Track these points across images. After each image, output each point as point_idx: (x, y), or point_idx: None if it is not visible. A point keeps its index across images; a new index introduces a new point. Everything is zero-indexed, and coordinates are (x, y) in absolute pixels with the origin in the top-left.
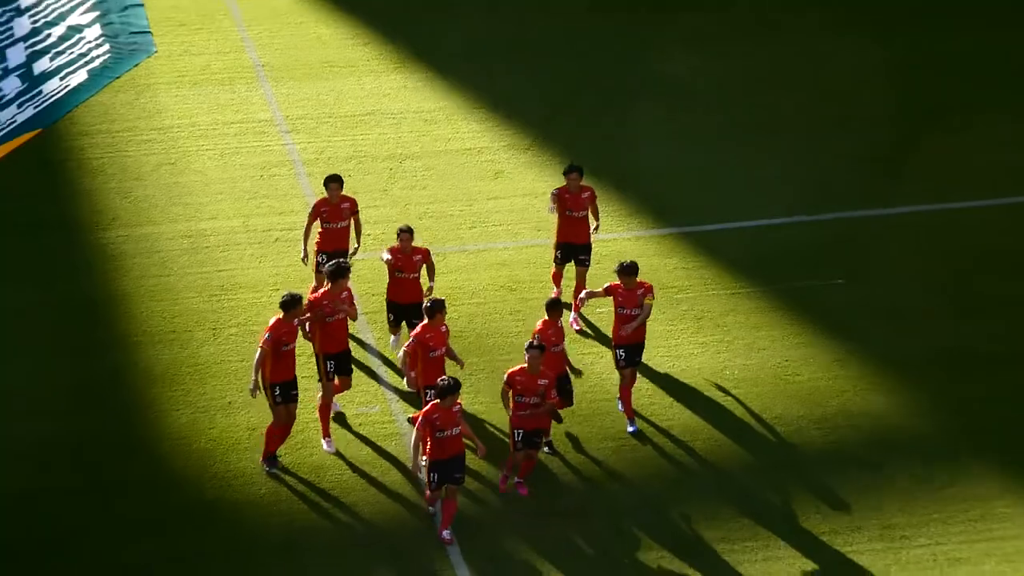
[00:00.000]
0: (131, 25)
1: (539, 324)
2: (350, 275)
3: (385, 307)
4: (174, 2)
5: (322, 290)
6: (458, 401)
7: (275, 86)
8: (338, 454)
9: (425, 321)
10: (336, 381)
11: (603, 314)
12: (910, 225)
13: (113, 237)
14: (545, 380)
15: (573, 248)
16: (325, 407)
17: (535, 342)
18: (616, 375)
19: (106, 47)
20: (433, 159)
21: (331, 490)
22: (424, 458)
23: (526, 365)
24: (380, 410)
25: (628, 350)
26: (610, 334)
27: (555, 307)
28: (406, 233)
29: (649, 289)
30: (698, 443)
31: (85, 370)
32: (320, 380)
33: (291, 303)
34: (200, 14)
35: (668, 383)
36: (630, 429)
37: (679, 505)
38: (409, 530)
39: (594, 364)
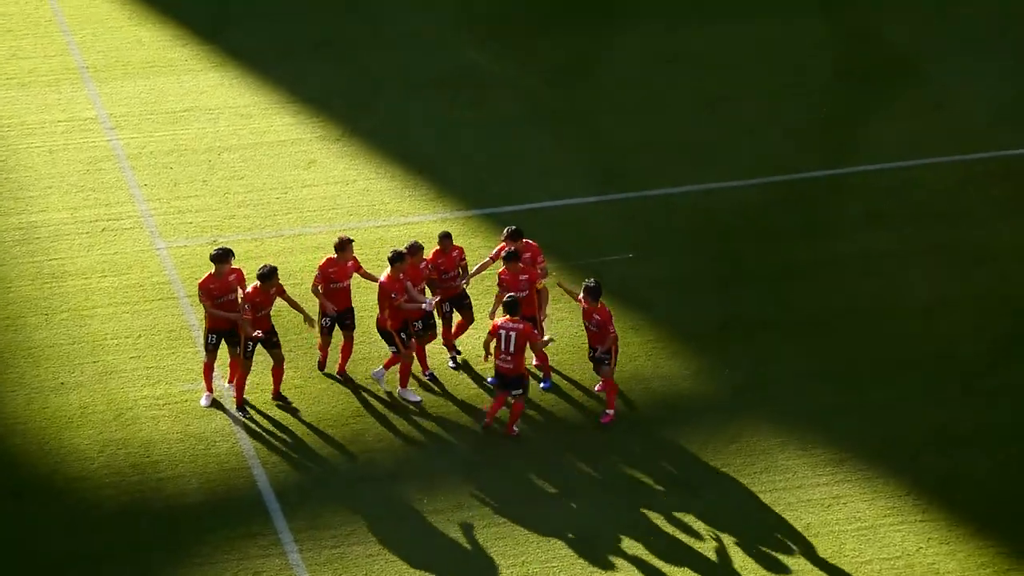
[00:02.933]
0: None
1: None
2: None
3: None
4: (1, 9)
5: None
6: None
7: (99, 86)
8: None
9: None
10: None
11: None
12: (685, 205)
13: None
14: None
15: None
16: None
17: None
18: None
19: None
20: (250, 151)
21: (160, 462)
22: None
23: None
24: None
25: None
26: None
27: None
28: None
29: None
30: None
31: None
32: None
33: (268, 275)
34: (27, 20)
35: (470, 355)
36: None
37: (489, 468)
38: (237, 498)
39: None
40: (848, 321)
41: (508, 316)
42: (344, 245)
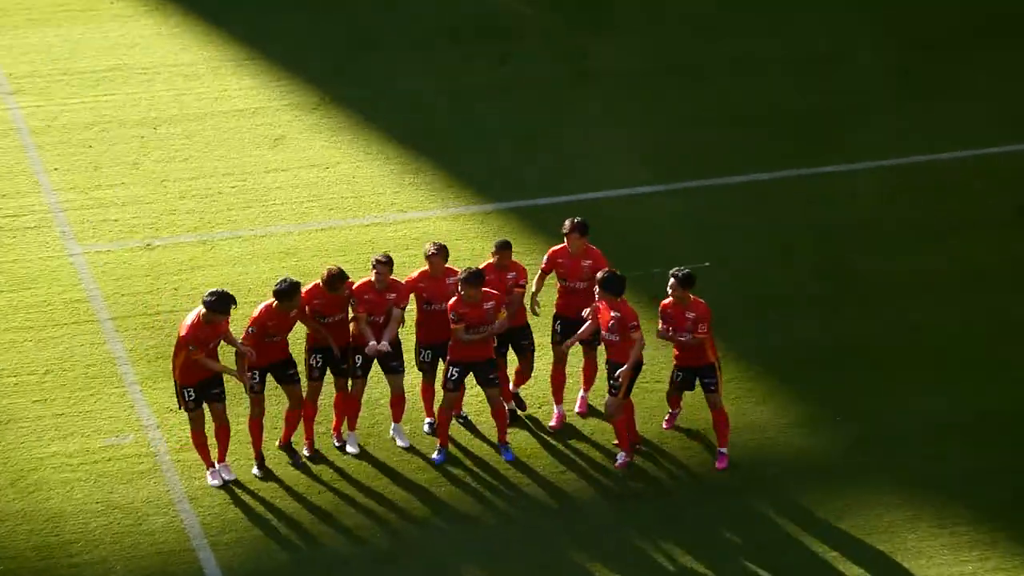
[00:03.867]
0: None
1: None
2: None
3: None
4: None
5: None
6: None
7: None
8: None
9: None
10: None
11: None
12: (777, 195)
13: None
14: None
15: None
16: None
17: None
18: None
19: None
20: (196, 123)
21: (73, 543)
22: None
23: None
24: (133, 440)
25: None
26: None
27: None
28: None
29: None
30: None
31: None
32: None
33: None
34: None
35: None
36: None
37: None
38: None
39: None
40: (1001, 352)
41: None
42: (335, 281)
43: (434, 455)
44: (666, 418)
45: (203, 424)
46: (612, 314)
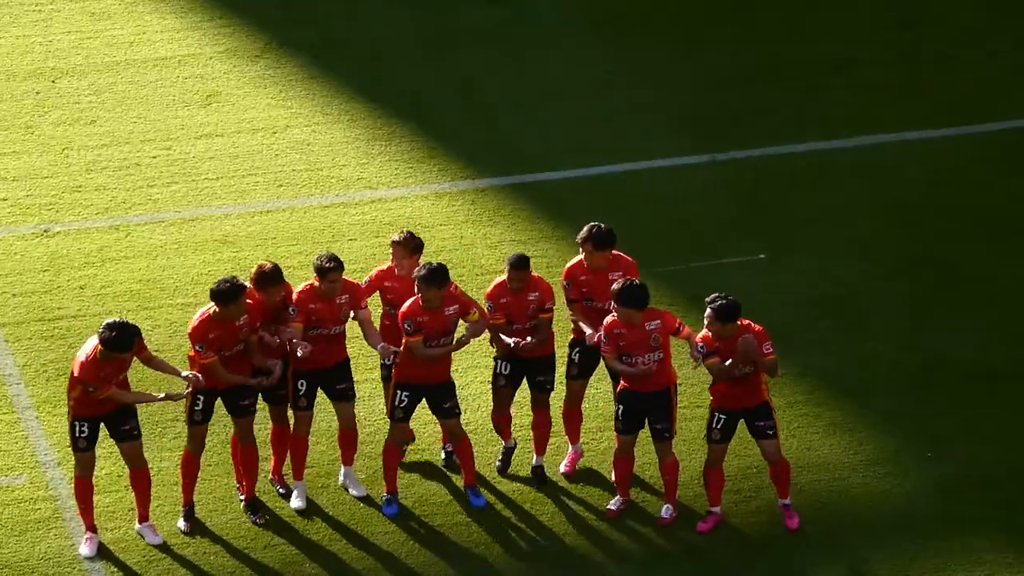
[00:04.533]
0: None
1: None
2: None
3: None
4: None
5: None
6: None
7: None
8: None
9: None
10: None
11: None
12: (849, 168)
13: None
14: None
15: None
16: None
17: None
18: None
19: None
20: (106, 75)
21: None
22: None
23: None
24: (27, 480)
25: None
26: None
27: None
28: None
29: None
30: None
31: None
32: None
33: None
34: None
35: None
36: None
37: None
38: None
39: None
40: None
41: None
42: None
43: (383, 506)
44: (704, 520)
45: (91, 469)
46: (648, 326)
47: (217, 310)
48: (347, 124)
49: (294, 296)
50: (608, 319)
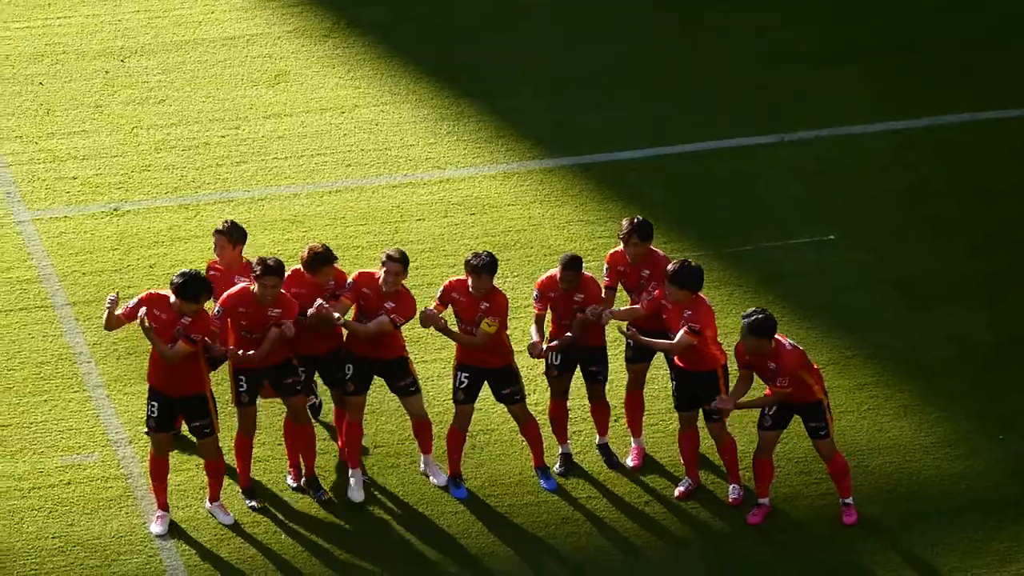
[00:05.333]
0: None
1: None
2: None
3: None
4: None
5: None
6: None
7: None
8: None
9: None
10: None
11: None
12: (927, 146)
13: None
14: None
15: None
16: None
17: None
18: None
19: None
20: (175, 55)
21: None
22: None
23: None
24: (99, 459)
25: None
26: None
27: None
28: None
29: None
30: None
31: None
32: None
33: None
34: None
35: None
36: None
37: None
38: None
39: None
40: None
41: None
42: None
43: (451, 488)
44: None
45: (166, 449)
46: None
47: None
48: (415, 104)
49: (354, 275)
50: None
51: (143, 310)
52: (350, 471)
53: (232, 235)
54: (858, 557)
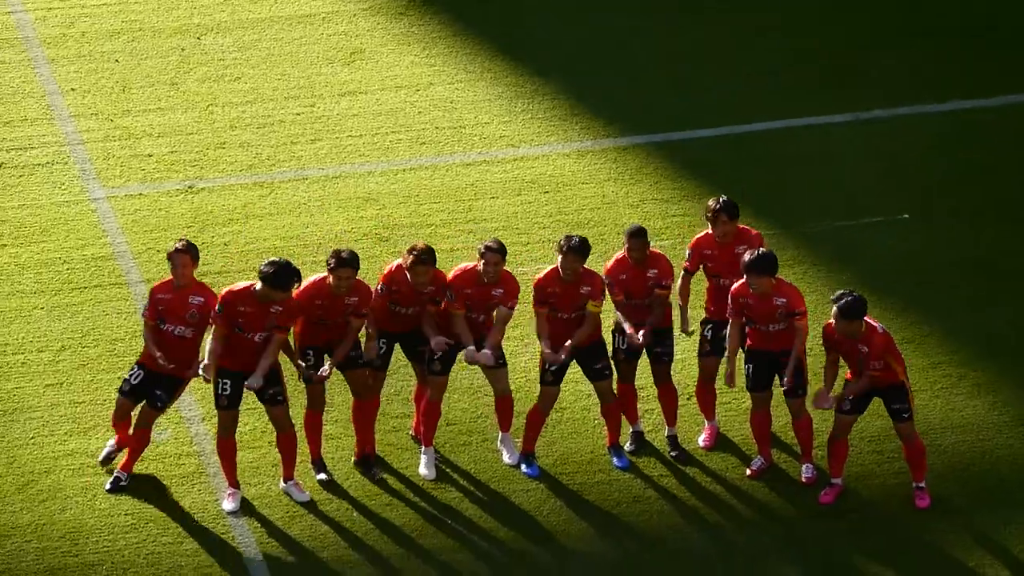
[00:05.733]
0: None
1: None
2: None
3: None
4: None
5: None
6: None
7: None
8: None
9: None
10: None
11: None
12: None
13: None
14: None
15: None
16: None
17: None
18: None
19: None
20: (250, 32)
21: (96, 565)
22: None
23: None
24: (171, 436)
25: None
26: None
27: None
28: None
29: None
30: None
31: None
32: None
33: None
34: None
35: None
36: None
37: None
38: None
39: None
40: None
41: None
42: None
43: (524, 466)
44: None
45: (232, 427)
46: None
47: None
48: (490, 81)
49: (450, 278)
50: (736, 285)
51: (201, 367)
52: (423, 449)
53: (193, 253)
54: (930, 536)
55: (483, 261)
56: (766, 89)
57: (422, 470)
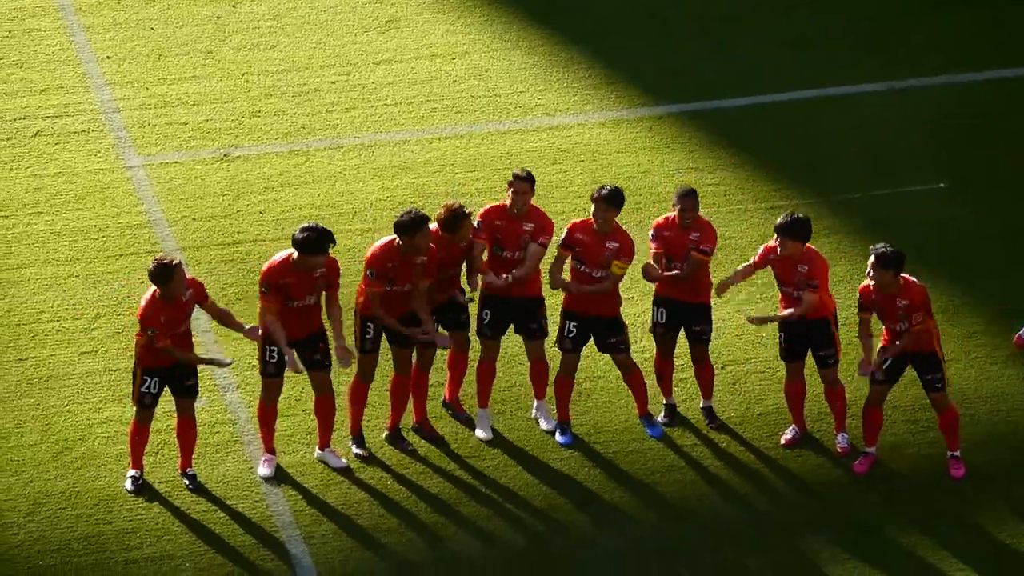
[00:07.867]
0: None
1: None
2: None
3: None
4: None
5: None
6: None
7: None
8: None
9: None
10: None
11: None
12: None
13: None
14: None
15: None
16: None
17: None
18: None
19: None
20: (286, 1)
21: (131, 533)
22: None
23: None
24: (207, 404)
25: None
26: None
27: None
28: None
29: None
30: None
31: None
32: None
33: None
34: None
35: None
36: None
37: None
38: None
39: None
40: None
41: None
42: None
43: (558, 435)
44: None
45: (276, 393)
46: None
47: (401, 243)
48: (525, 50)
49: (479, 215)
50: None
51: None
52: (479, 410)
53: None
54: (964, 506)
55: (511, 190)
56: (801, 58)
57: (479, 432)
